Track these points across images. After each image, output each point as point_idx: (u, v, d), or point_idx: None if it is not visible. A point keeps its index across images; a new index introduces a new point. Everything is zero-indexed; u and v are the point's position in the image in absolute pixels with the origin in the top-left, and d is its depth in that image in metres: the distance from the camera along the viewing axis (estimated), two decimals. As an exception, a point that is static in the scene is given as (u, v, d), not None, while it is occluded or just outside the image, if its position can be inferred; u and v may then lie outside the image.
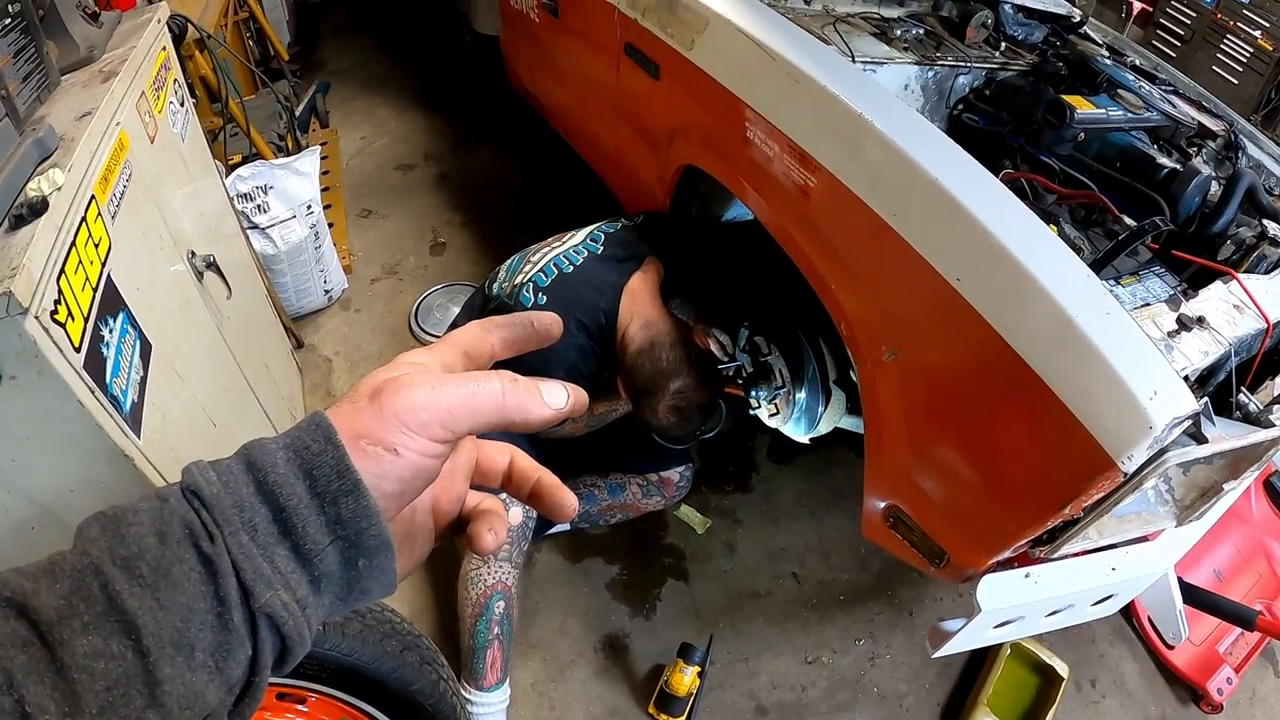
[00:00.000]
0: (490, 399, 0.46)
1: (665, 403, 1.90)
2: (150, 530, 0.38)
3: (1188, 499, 1.50)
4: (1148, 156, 1.89)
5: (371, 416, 0.43)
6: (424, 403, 0.44)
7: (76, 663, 0.35)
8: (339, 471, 0.41)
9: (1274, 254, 1.71)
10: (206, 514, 0.39)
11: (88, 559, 0.37)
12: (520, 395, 0.48)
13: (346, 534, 0.41)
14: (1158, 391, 1.16)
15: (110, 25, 1.72)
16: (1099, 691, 2.32)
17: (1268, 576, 2.53)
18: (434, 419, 0.44)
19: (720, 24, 1.84)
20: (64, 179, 1.17)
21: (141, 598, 0.37)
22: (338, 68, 4.87)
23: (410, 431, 0.43)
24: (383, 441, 0.43)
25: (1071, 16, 2.52)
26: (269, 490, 0.40)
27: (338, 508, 0.41)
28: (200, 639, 0.37)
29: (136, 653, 0.36)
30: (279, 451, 0.41)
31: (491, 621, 1.91)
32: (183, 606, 0.37)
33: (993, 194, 1.40)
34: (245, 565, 0.39)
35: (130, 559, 0.37)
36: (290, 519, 0.40)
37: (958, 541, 1.49)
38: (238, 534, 0.39)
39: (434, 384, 0.45)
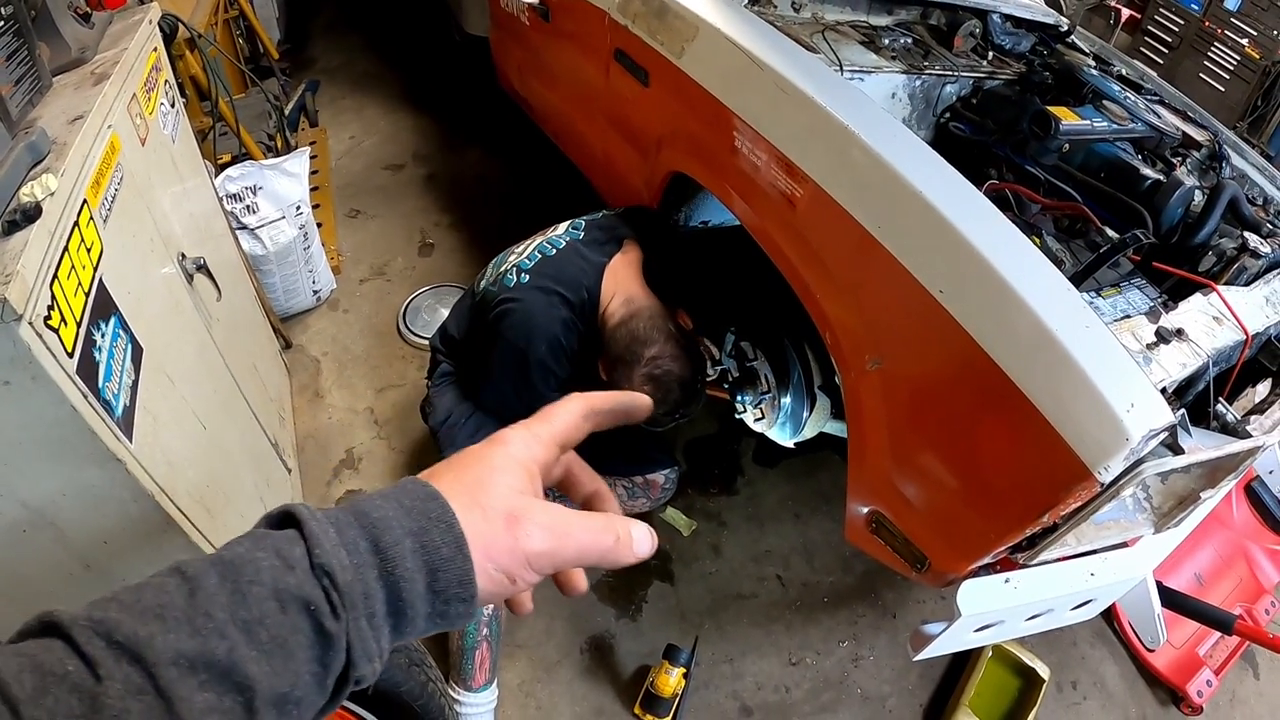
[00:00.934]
0: (596, 555, 0.52)
1: (641, 370, 1.89)
2: (271, 594, 0.41)
3: (1166, 507, 1.53)
4: (1132, 167, 1.92)
5: (506, 549, 0.48)
6: (550, 552, 0.49)
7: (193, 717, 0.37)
8: (461, 582, 0.45)
9: (1254, 266, 1.73)
10: (335, 596, 0.42)
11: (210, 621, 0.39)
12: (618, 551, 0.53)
13: (442, 620, 0.46)
14: (1134, 404, 1.18)
15: (102, 26, 1.72)
16: (1080, 693, 2.35)
17: (1248, 580, 2.56)
18: (552, 565, 0.50)
19: (709, 32, 1.85)
20: (57, 184, 1.18)
21: (259, 663, 0.39)
22: (327, 66, 4.86)
23: (533, 571, 0.49)
24: (509, 573, 0.48)
25: (1059, 26, 2.55)
26: (394, 583, 0.44)
27: (448, 607, 0.46)
28: (299, 700, 0.41)
29: (246, 709, 0.38)
30: (407, 540, 0.45)
31: (480, 623, 1.93)
32: (293, 674, 0.40)
33: (976, 208, 1.41)
34: (357, 646, 0.42)
35: (251, 623, 0.39)
36: (404, 610, 0.44)
37: (939, 547, 1.51)
38: (359, 620, 0.42)
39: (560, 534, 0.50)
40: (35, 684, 0.35)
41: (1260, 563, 2.59)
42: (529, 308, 1.91)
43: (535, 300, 1.92)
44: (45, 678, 0.35)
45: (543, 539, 0.49)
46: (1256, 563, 2.59)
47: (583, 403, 0.59)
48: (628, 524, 0.54)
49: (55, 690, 0.35)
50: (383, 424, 2.79)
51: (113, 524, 1.29)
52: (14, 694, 0.34)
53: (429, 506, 0.46)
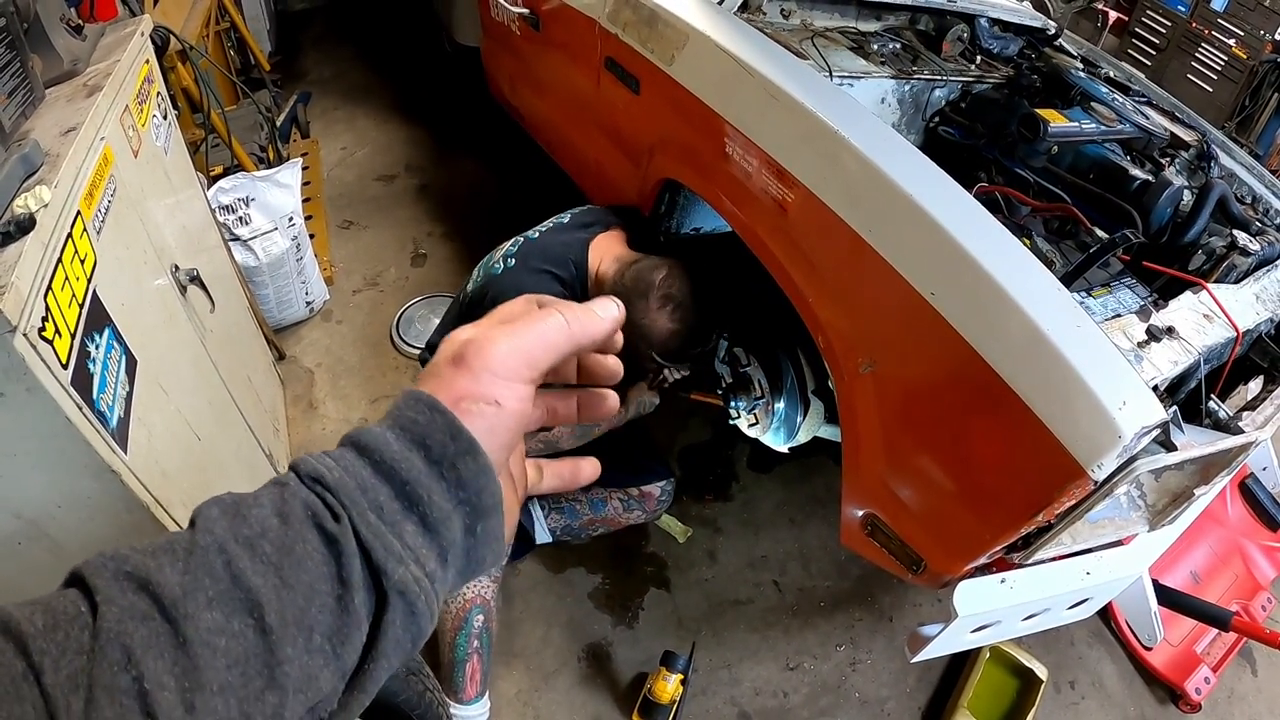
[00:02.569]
0: (559, 331, 0.48)
1: (657, 294, 1.85)
2: (272, 511, 0.39)
3: (1160, 504, 1.53)
4: (1120, 168, 1.93)
5: (466, 378, 0.45)
6: (508, 351, 0.46)
7: (200, 637, 0.35)
8: (452, 435, 0.42)
9: (1244, 263, 1.74)
10: (331, 496, 0.40)
11: (210, 537, 0.37)
12: (581, 319, 0.49)
13: (468, 497, 0.43)
14: (1126, 401, 1.18)
15: (94, 38, 1.72)
16: (1078, 693, 2.35)
17: (1244, 577, 2.56)
18: (520, 363, 0.46)
19: (699, 40, 1.86)
20: (50, 196, 1.18)
21: (265, 575, 0.37)
22: (319, 77, 4.86)
23: (505, 380, 0.45)
24: (484, 397, 0.44)
25: (1047, 29, 2.57)
26: (387, 467, 0.41)
27: (457, 471, 0.42)
28: (319, 621, 0.37)
29: (259, 631, 0.36)
30: (386, 432, 0.42)
31: (471, 635, 1.92)
32: (305, 586, 0.37)
33: (966, 210, 1.42)
34: (375, 544, 0.39)
35: (253, 538, 0.38)
36: (414, 491, 0.41)
37: (934, 548, 1.51)
38: (365, 514, 0.39)
39: (509, 334, 0.47)
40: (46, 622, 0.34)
41: (1256, 560, 2.60)
42: (519, 287, 1.90)
43: (524, 279, 1.92)
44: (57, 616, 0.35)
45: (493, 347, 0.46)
46: (1252, 560, 2.60)
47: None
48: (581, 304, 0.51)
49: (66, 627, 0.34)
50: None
51: (108, 535, 1.28)
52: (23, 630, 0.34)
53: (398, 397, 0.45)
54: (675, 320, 1.85)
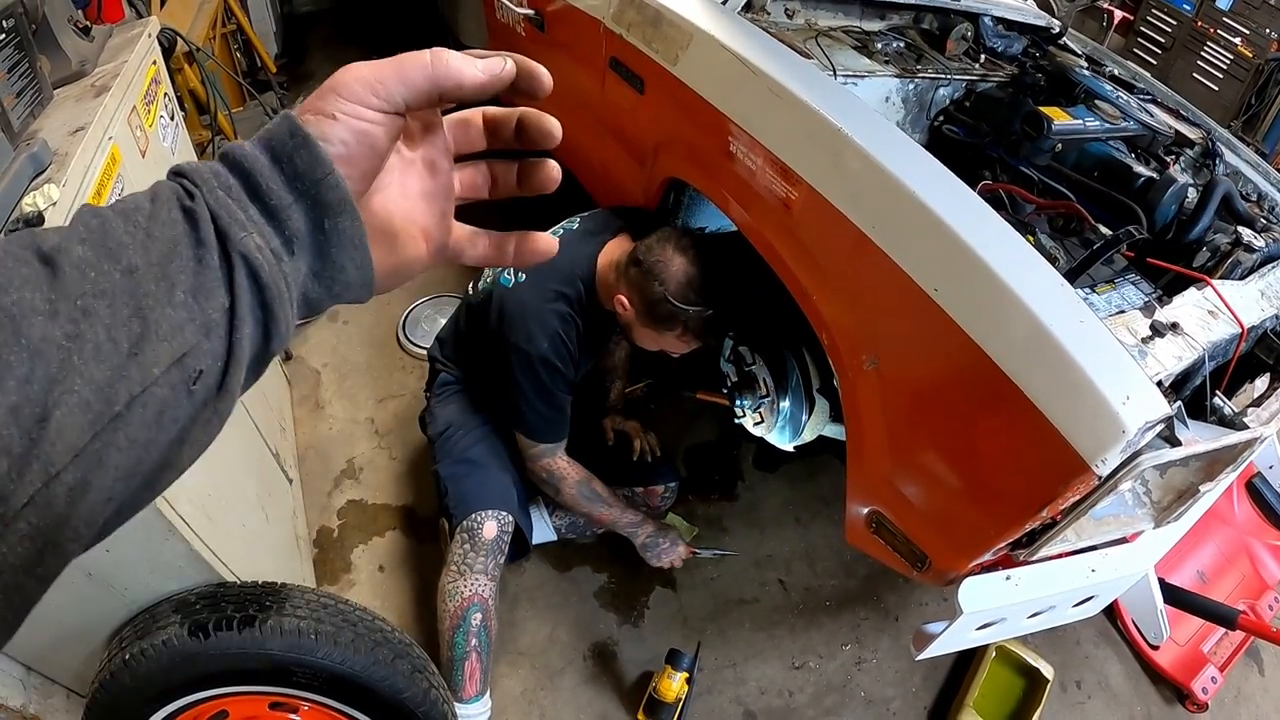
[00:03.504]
0: (418, 67, 0.50)
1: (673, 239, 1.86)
2: (144, 197, 0.43)
3: (1165, 501, 1.53)
4: (1125, 165, 1.93)
5: (315, 96, 0.48)
6: (356, 75, 0.48)
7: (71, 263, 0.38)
8: (290, 132, 0.46)
9: (1248, 260, 1.74)
10: (188, 181, 0.44)
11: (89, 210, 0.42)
12: (448, 58, 0.51)
13: (304, 187, 0.46)
14: (1130, 396, 1.18)
15: (101, 39, 1.73)
16: (1084, 692, 2.35)
17: (1250, 576, 2.55)
18: (366, 88, 0.48)
19: (704, 39, 1.86)
20: (59, 194, 1.19)
21: (133, 234, 0.41)
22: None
23: (345, 99, 0.48)
24: (322, 110, 0.47)
25: (1051, 28, 2.57)
26: (236, 162, 0.45)
27: (294, 165, 0.45)
28: (180, 278, 0.41)
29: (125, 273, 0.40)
30: (247, 142, 0.46)
31: (469, 633, 1.93)
32: (168, 241, 0.41)
33: (969, 206, 1.42)
34: (220, 213, 0.43)
35: (126, 211, 0.42)
36: (255, 180, 0.45)
37: (939, 545, 1.51)
38: (214, 191, 0.43)
39: (367, 64, 0.49)
40: None
41: (1263, 559, 2.59)
42: (526, 307, 1.93)
43: (531, 299, 1.94)
44: None
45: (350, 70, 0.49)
46: (1259, 559, 2.59)
47: None
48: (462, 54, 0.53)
49: None
50: (383, 434, 2.79)
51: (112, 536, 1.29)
52: None
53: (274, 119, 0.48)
54: (691, 261, 1.84)
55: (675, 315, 1.86)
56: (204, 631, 1.34)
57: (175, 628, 1.34)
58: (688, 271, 1.83)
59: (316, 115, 0.47)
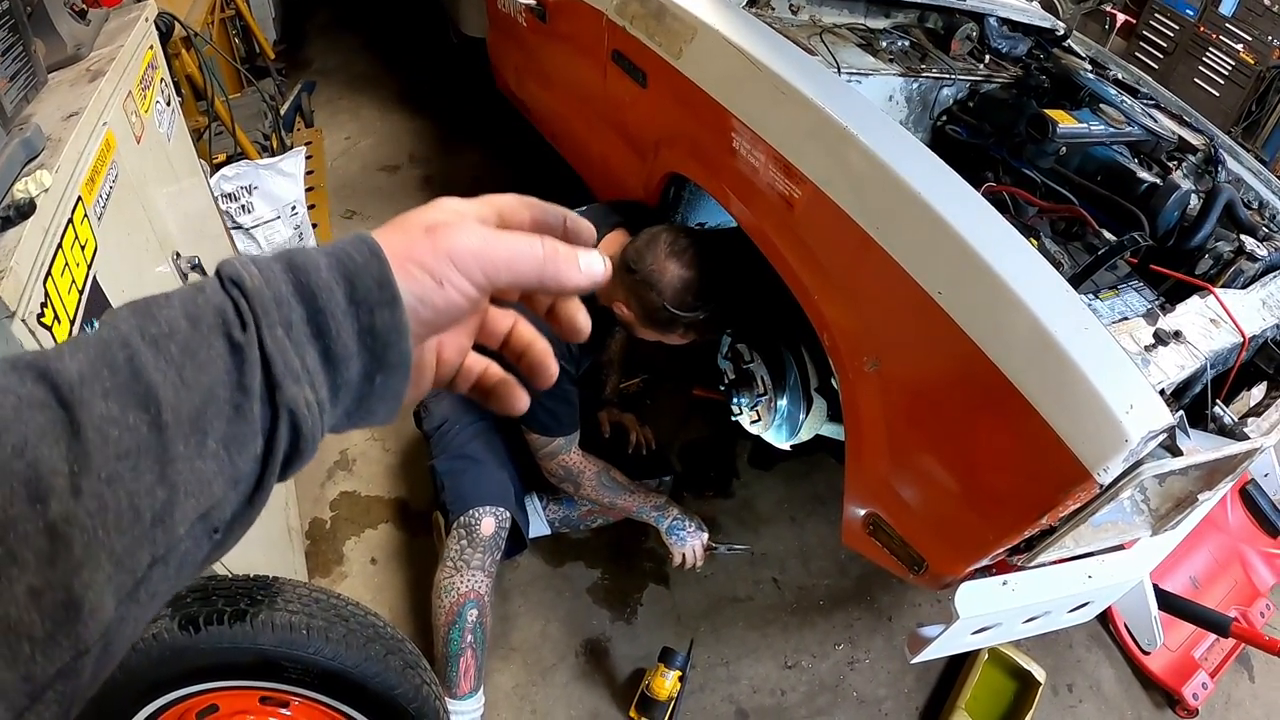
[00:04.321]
0: (531, 262, 0.48)
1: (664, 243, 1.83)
2: (181, 313, 0.38)
3: (1163, 509, 1.53)
4: (1128, 171, 1.92)
5: (426, 247, 0.45)
6: (475, 249, 0.46)
7: (93, 423, 0.34)
8: (380, 283, 0.42)
9: (1251, 269, 1.73)
10: (245, 303, 0.39)
11: (115, 332, 0.37)
12: (559, 263, 0.49)
13: (375, 346, 0.42)
14: (1133, 405, 1.18)
15: (98, 23, 1.71)
16: (1076, 696, 2.35)
17: (1243, 583, 2.56)
18: (479, 266, 0.46)
19: (708, 34, 1.85)
20: (51, 180, 1.17)
21: (166, 373, 0.36)
22: (323, 67, 4.84)
23: (456, 270, 0.45)
24: (432, 271, 0.44)
25: (1055, 30, 2.55)
26: (309, 290, 0.41)
27: (372, 318, 0.42)
28: (215, 426, 0.37)
29: (153, 427, 0.35)
30: (321, 258, 0.42)
31: (464, 630, 1.92)
32: (204, 388, 0.37)
33: (975, 209, 1.41)
34: (276, 358, 0.39)
35: (159, 337, 0.37)
36: (325, 321, 0.41)
37: (936, 549, 1.50)
38: (274, 327, 0.39)
39: (485, 235, 0.47)
40: None
41: (1255, 566, 2.59)
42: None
43: None
44: None
45: (465, 237, 0.46)
46: (1251, 566, 2.59)
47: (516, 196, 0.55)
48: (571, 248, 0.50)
49: None
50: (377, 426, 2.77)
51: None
52: None
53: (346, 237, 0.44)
54: (685, 265, 1.81)
55: (675, 320, 1.84)
56: (194, 625, 1.33)
57: (166, 621, 1.32)
58: (683, 277, 1.81)
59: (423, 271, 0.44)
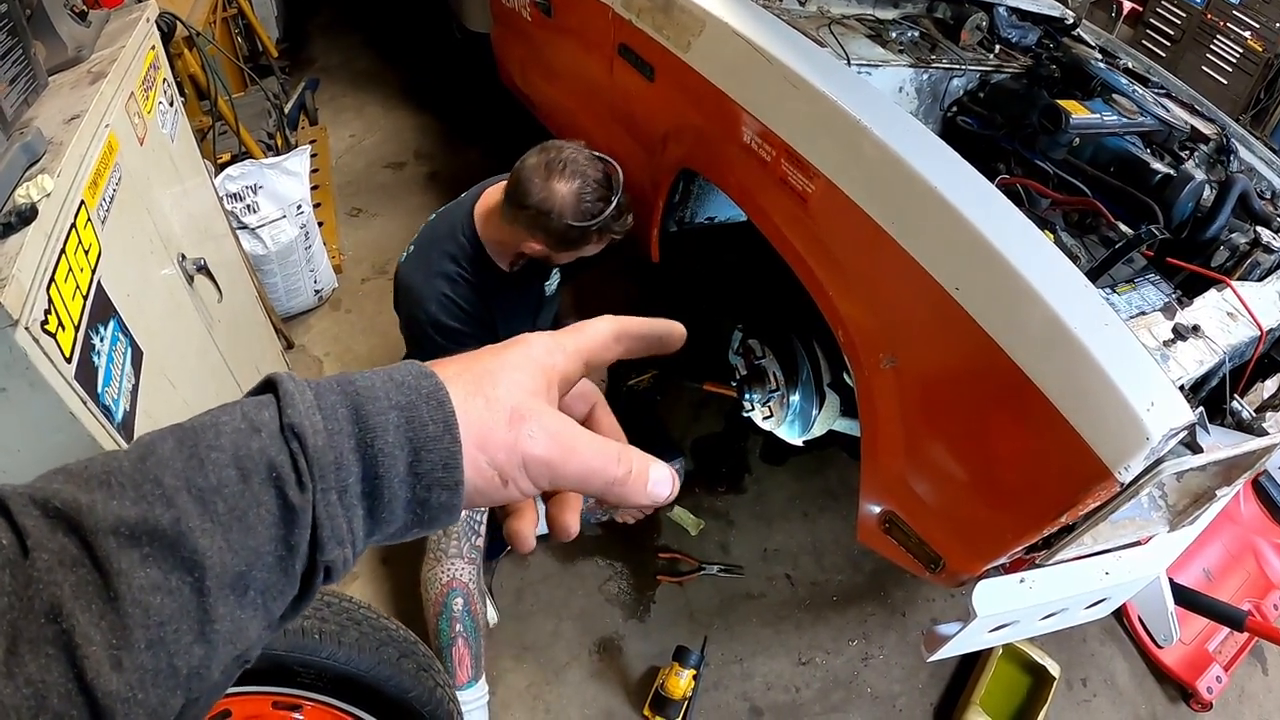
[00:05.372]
0: (601, 483, 0.46)
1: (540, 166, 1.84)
2: (231, 460, 0.36)
3: (1181, 505, 1.51)
4: (1142, 161, 1.90)
5: (505, 442, 0.43)
6: (551, 461, 0.44)
7: (133, 595, 0.33)
8: (446, 466, 0.40)
9: (1267, 261, 1.71)
10: (304, 462, 0.37)
11: (159, 488, 0.35)
12: (627, 488, 0.47)
13: (423, 516, 0.41)
14: (1155, 403, 1.16)
15: (99, 24, 1.69)
16: (1090, 690, 2.34)
17: (1256, 576, 2.54)
18: (549, 477, 0.44)
19: (716, 26, 1.83)
20: (53, 185, 1.16)
21: (212, 536, 0.35)
22: (326, 64, 4.83)
23: (528, 478, 0.44)
24: (503, 471, 0.43)
25: (1065, 19, 2.53)
26: (372, 456, 0.39)
27: (429, 494, 0.41)
28: (257, 579, 0.37)
29: (195, 591, 0.34)
30: (392, 413, 0.40)
31: (452, 619, 1.91)
32: (251, 550, 0.36)
33: (991, 203, 1.40)
34: (326, 523, 0.38)
35: (207, 492, 0.36)
36: (381, 490, 0.40)
37: (954, 548, 1.49)
38: (329, 492, 0.38)
39: (565, 444, 0.45)
40: None
41: (1268, 558, 2.58)
42: (409, 276, 1.96)
43: (412, 266, 1.96)
44: None
45: (546, 445, 0.43)
46: (1265, 558, 2.58)
47: (614, 323, 0.52)
48: (646, 460, 0.48)
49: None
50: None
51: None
52: None
53: (422, 384, 0.41)
54: (568, 177, 1.81)
55: (586, 230, 1.84)
56: (205, 631, 1.32)
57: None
58: (573, 190, 1.80)
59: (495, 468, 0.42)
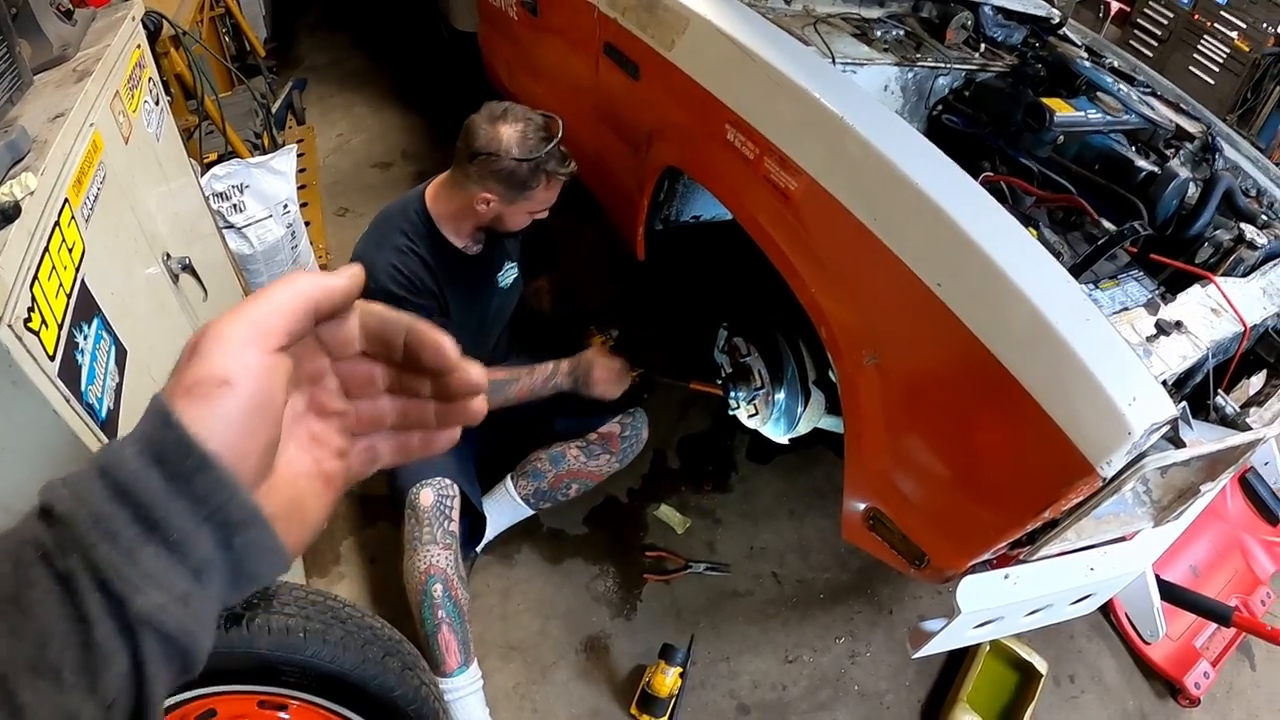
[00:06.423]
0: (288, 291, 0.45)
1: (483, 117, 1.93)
2: (5, 557, 0.37)
3: (1165, 500, 1.52)
4: (1126, 159, 1.90)
5: (195, 363, 0.41)
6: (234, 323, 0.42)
7: None
8: (185, 450, 0.39)
9: (1251, 257, 1.72)
10: (62, 529, 0.37)
11: None
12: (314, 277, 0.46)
13: (210, 512, 0.39)
14: (1136, 397, 1.17)
15: (84, 23, 1.69)
16: (1077, 687, 2.35)
17: (1243, 572, 2.55)
18: (250, 332, 0.42)
19: (700, 24, 1.83)
20: (36, 183, 1.15)
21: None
22: (314, 64, 4.82)
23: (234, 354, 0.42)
24: (211, 378, 0.41)
25: (1051, 18, 2.54)
26: (124, 489, 0.38)
27: (193, 486, 0.39)
28: (65, 659, 0.35)
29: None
30: (128, 447, 0.39)
31: (434, 606, 1.90)
32: (37, 633, 0.35)
33: (974, 199, 1.40)
34: (110, 575, 0.36)
35: None
36: (152, 514, 0.38)
37: (938, 544, 1.49)
38: (95, 546, 0.36)
39: (235, 311, 0.43)
40: None
41: (1255, 554, 2.59)
42: (362, 252, 1.99)
43: (365, 242, 2.01)
44: None
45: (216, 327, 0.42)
46: (1251, 554, 2.59)
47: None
48: None
49: None
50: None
51: None
52: None
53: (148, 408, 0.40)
54: (511, 120, 1.88)
55: (536, 166, 1.88)
56: (190, 631, 1.31)
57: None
58: (516, 128, 1.87)
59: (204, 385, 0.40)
